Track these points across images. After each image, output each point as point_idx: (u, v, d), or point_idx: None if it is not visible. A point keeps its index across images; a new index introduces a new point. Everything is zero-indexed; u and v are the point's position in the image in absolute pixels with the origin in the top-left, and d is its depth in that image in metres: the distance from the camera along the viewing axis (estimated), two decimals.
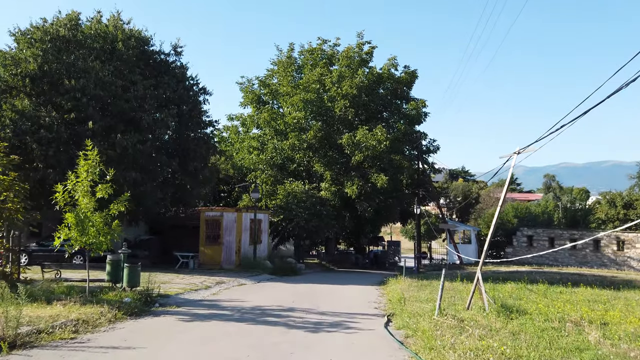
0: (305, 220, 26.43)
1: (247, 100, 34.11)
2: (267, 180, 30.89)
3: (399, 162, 28.87)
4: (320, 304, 11.37)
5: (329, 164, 29.78)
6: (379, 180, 27.66)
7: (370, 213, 28.76)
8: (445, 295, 12.69)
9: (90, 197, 9.68)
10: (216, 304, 10.71)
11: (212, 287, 14.19)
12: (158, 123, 19.60)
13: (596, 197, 76.51)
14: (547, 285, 17.18)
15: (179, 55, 22.78)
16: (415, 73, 32.82)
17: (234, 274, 19.09)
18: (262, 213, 24.08)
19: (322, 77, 30.47)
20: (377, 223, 34.40)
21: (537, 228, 30.91)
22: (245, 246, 21.73)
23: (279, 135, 31.62)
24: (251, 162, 31.31)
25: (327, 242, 34.45)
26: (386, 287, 16.82)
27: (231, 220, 21.29)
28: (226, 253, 21.22)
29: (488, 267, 28.40)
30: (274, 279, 19.02)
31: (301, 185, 28.21)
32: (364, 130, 28.21)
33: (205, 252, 21.42)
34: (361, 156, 28.34)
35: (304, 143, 29.35)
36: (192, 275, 17.32)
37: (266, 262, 22.10)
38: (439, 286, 15.67)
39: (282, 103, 31.94)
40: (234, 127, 35.54)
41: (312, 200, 27.18)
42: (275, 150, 30.87)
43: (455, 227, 30.03)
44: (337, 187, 29.08)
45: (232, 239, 21.22)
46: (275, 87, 33.82)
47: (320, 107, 30.37)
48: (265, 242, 23.92)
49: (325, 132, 29.95)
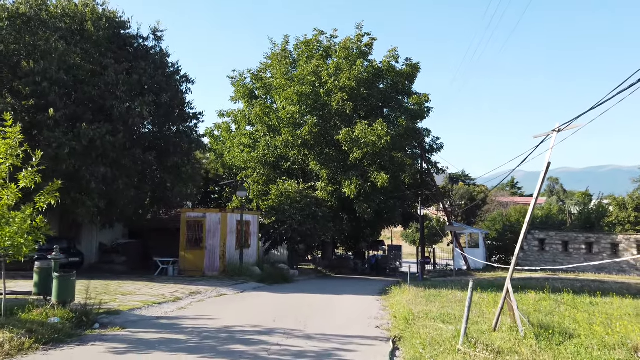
0: (299, 223, 24.24)
1: (238, 95, 31.98)
2: (258, 179, 28.72)
3: (401, 160, 26.70)
4: (309, 323, 9.17)
5: (325, 162, 27.63)
6: (380, 179, 25.49)
7: (369, 215, 26.58)
8: (461, 309, 10.49)
9: (8, 188, 7.46)
10: (175, 324, 8.50)
11: (183, 299, 11.98)
12: (132, 112, 17.43)
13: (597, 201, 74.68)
14: (572, 294, 14.96)
15: (159, 41, 20.67)
16: (417, 66, 30.70)
17: (217, 282, 16.88)
18: (250, 214, 21.88)
19: (319, 69, 28.35)
20: (377, 226, 32.17)
21: (550, 231, 28.71)
22: (231, 251, 19.52)
23: (272, 132, 29.48)
24: (242, 161, 29.15)
25: (324, 246, 32.23)
26: (389, 297, 14.61)
27: (215, 222, 19.10)
28: (209, 258, 19.00)
29: (498, 272, 26.19)
30: (262, 287, 16.81)
31: (295, 185, 26.03)
32: (363, 125, 26.08)
33: (187, 257, 19.21)
34: (360, 153, 26.18)
35: (298, 139, 27.19)
36: (165, 284, 15.11)
37: (255, 268, 19.89)
38: (452, 298, 13.49)
39: (276, 97, 29.80)
40: (225, 124, 33.39)
41: (306, 201, 25.00)
42: (268, 148, 28.70)
43: (463, 230, 27.81)
44: (334, 186, 26.91)
45: (216, 243, 19.02)
46: (268, 82, 31.72)
47: (316, 101, 28.23)
48: (255, 246, 21.71)
49: (321, 128, 27.81)
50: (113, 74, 17.27)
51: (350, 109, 27.13)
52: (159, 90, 18.89)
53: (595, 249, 27.48)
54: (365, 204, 26.40)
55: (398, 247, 39.66)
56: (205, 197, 33.62)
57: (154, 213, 21.77)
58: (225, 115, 33.32)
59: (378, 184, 25.59)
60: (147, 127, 19.94)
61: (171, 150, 19.47)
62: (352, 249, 37.40)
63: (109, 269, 21.26)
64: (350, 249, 37.57)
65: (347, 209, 29.01)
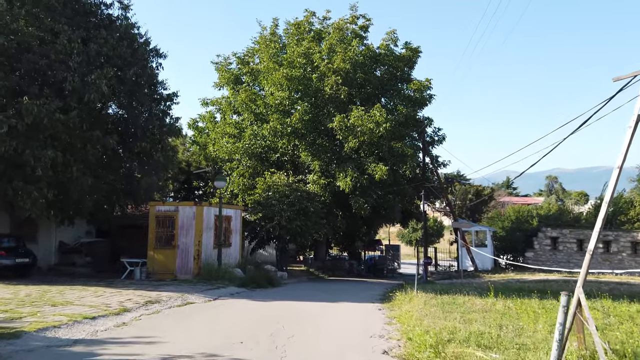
0: (288, 219, 21.63)
1: (222, 81, 29.30)
2: (244, 172, 26.07)
3: (401, 150, 24.16)
4: (289, 347, 6.60)
5: (317, 153, 25.04)
6: (378, 170, 22.95)
7: (366, 211, 24.02)
8: (495, 323, 7.94)
9: None
10: (91, 354, 5.89)
11: (133, 310, 9.33)
12: (89, 87, 14.75)
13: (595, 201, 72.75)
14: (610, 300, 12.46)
15: (126, 10, 18.00)
16: (418, 50, 28.20)
17: (188, 286, 14.26)
18: (232, 208, 19.24)
19: (310, 52, 25.79)
20: (374, 223, 29.65)
21: (563, 228, 26.30)
22: (208, 250, 16.89)
23: (259, 120, 26.89)
24: (226, 152, 26.48)
25: (317, 245, 29.63)
26: (393, 305, 12.05)
27: (189, 217, 16.46)
28: (182, 259, 16.36)
29: (508, 274, 23.75)
30: (241, 293, 14.20)
31: (284, 177, 23.42)
32: (359, 111, 23.52)
33: (156, 257, 16.56)
34: (356, 142, 23.63)
35: (287, 127, 24.59)
36: (123, 290, 12.47)
37: (236, 270, 17.27)
38: (472, 306, 10.86)
39: (263, 82, 27.17)
40: (210, 114, 30.69)
41: (296, 195, 22.39)
42: (255, 137, 26.06)
43: (471, 227, 25.28)
44: (328, 179, 24.33)
45: (190, 241, 16.38)
46: (256, 68, 29.10)
47: (307, 87, 25.64)
48: (237, 245, 19.08)
49: (313, 115, 25.23)
50: (66, 41, 14.60)
51: (344, 94, 24.56)
52: (124, 64, 16.23)
53: (614, 247, 25.11)
54: (362, 199, 23.85)
55: (396, 247, 37.18)
56: (189, 194, 30.96)
57: (122, 208, 19.08)
58: (209, 104, 30.63)
59: (376, 176, 23.06)
60: (110, 107, 17.27)
61: (139, 135, 16.82)
62: (347, 249, 34.82)
63: (70, 271, 18.58)
64: (345, 249, 34.98)
65: (341, 205, 26.42)
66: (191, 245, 16.35)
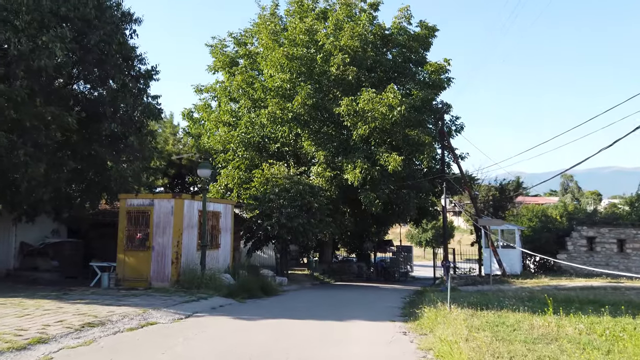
0: (288, 216, 18.78)
1: (218, 64, 26.48)
2: (240, 164, 23.23)
3: (417, 138, 21.20)
4: None
5: (322, 142, 22.15)
6: (391, 161, 20.03)
7: (378, 207, 21.09)
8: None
9: None
10: None
11: (52, 341, 6.47)
12: (39, 52, 11.95)
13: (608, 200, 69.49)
14: None
15: None
16: (434, 28, 25.23)
17: (160, 298, 11.43)
18: (221, 202, 16.36)
19: (314, 29, 22.93)
20: (386, 222, 26.71)
21: (601, 227, 23.20)
22: (190, 252, 14.04)
23: (258, 107, 24.04)
24: (220, 141, 23.66)
25: (322, 247, 26.72)
26: (421, 326, 9.12)
27: (166, 212, 13.62)
28: (158, 263, 13.52)
29: (541, 279, 20.69)
30: (225, 307, 11.34)
31: (284, 169, 20.56)
32: (370, 93, 20.60)
33: (127, 261, 13.74)
34: (366, 129, 20.73)
35: (288, 113, 21.70)
36: (69, 305, 9.64)
37: (225, 276, 14.41)
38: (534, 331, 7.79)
39: (262, 64, 24.30)
40: (205, 103, 27.89)
41: (298, 189, 19.52)
42: (252, 125, 23.22)
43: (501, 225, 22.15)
44: (334, 172, 21.42)
45: (167, 241, 13.53)
46: (254, 51, 26.31)
47: (310, 68, 22.80)
48: (227, 246, 16.21)
49: (317, 100, 22.33)
50: None
51: (353, 74, 21.66)
52: (87, 27, 13.41)
53: None
54: (373, 194, 20.95)
55: (408, 248, 34.18)
56: (182, 190, 28.18)
57: (93, 203, 16.27)
58: (203, 91, 27.83)
59: (389, 167, 20.15)
60: (75, 82, 14.47)
61: (107, 114, 13.99)
62: (355, 250, 31.85)
63: (32, 277, 15.79)
64: (353, 251, 32.01)
65: (349, 201, 23.52)
66: (169, 246, 13.50)
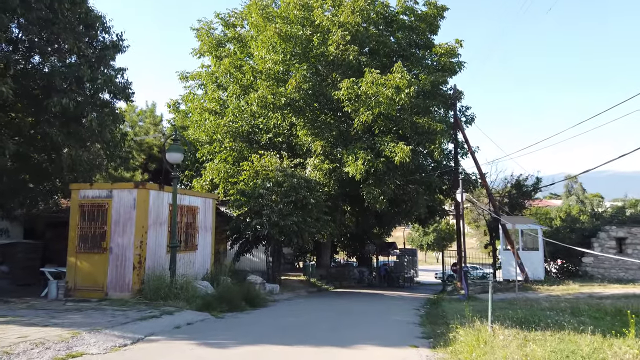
0: (280, 214, 16.22)
1: (204, 48, 23.96)
2: (227, 156, 20.66)
3: (427, 126, 18.71)
4: None
5: (320, 131, 19.62)
6: (398, 151, 17.52)
7: (383, 204, 18.58)
8: None
9: None
10: None
11: None
12: None
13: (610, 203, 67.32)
14: None
15: None
16: (443, 7, 22.79)
17: (111, 314, 8.85)
18: (200, 195, 13.76)
19: (310, 4, 20.41)
20: (391, 222, 24.12)
21: (632, 226, 20.69)
22: (158, 255, 11.45)
23: (247, 94, 21.50)
24: (205, 130, 21.09)
25: (319, 249, 24.13)
26: (455, 352, 6.56)
27: (127, 206, 11.04)
28: (116, 268, 10.92)
29: (570, 285, 18.16)
30: (195, 325, 8.76)
31: (276, 160, 18.01)
32: (373, 74, 18.10)
33: (79, 266, 11.14)
34: (369, 116, 18.19)
35: (281, 98, 19.17)
36: None
37: (201, 284, 11.83)
38: None
39: (252, 45, 21.79)
40: (190, 92, 25.37)
41: (292, 183, 16.96)
42: (240, 112, 20.68)
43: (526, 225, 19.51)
44: (333, 164, 18.89)
45: (128, 242, 10.94)
46: (245, 35, 23.83)
47: (306, 49, 20.30)
48: (206, 248, 13.61)
49: (314, 84, 19.85)
50: None
51: (354, 55, 19.18)
52: None
53: None
54: (377, 189, 18.44)
55: (412, 251, 31.74)
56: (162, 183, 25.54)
57: (45, 196, 13.66)
58: (189, 78, 25.30)
59: (396, 158, 17.63)
60: (18, 48, 11.90)
61: (57, 86, 11.43)
62: (355, 254, 29.26)
63: None
64: (354, 254, 29.41)
65: (350, 197, 21.00)
66: (130, 247, 10.90)
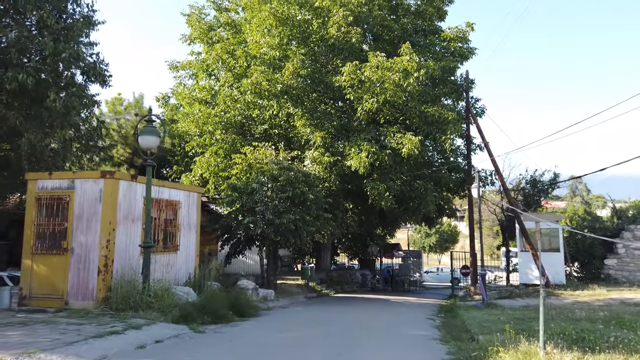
0: (275, 211, 14.52)
1: (194, 34, 22.27)
2: (218, 149, 18.96)
3: (438, 115, 17.04)
4: None
5: (320, 122, 17.91)
6: (407, 142, 15.84)
7: (389, 201, 16.87)
8: None
9: None
10: None
11: None
12: None
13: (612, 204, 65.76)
14: None
15: None
16: None
17: (64, 328, 7.17)
18: (182, 188, 12.02)
19: None
20: (396, 221, 22.41)
21: None
22: (129, 256, 9.73)
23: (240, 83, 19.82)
24: (194, 121, 19.38)
25: (319, 251, 22.42)
26: None
27: (92, 198, 9.35)
28: (78, 273, 9.21)
29: (595, 290, 16.43)
30: (167, 342, 7.08)
31: (271, 152, 16.31)
32: (379, 58, 16.42)
33: (36, 269, 9.42)
34: (374, 103, 16.47)
35: (277, 85, 17.49)
36: None
37: (182, 290, 10.12)
38: None
39: (246, 30, 20.13)
40: (180, 83, 23.67)
41: (289, 176, 15.26)
42: (233, 101, 19.00)
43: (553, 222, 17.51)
44: (334, 157, 17.18)
45: (92, 240, 9.23)
46: (239, 21, 22.20)
47: (305, 34, 18.65)
48: (190, 249, 11.90)
49: (313, 71, 18.18)
50: None
51: (357, 37, 17.52)
52: None
53: None
54: (383, 185, 16.75)
55: (417, 253, 30.02)
56: None
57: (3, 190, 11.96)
58: (179, 68, 23.59)
59: (403, 150, 15.94)
60: None
61: (12, 59, 9.74)
62: (357, 256, 27.53)
63: None
64: (355, 256, 27.68)
65: (352, 194, 19.31)
66: (95, 248, 9.19)
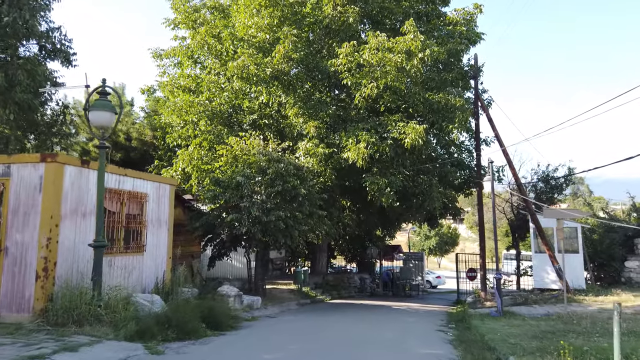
0: (263, 207, 12.82)
1: (180, 17, 20.53)
2: (201, 141, 17.24)
3: (445, 102, 15.38)
4: None
5: (313, 110, 16.22)
6: (410, 131, 14.16)
7: (390, 198, 15.15)
8: None
9: None
10: None
11: None
12: None
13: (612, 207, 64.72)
14: None
15: None
16: None
17: None
18: (149, 179, 10.28)
19: None
20: (397, 219, 20.72)
21: None
22: (78, 258, 8.01)
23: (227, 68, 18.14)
24: (176, 111, 17.67)
25: (314, 253, 20.71)
26: None
27: (31, 187, 7.64)
28: (12, 279, 7.49)
29: (620, 296, 14.79)
30: None
31: (258, 141, 14.61)
32: (379, 38, 14.74)
33: None
34: (374, 88, 14.78)
35: (266, 69, 15.79)
36: None
37: (146, 298, 8.41)
38: None
39: (234, 13, 18.46)
40: (164, 72, 21.98)
41: (278, 168, 13.56)
42: (219, 89, 17.31)
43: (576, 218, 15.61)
44: (329, 148, 15.47)
45: (29, 239, 7.52)
46: (226, 4, 20.56)
47: (298, 16, 17.00)
48: (161, 250, 10.17)
49: (306, 55, 16.52)
50: None
51: (354, 17, 15.88)
52: None
53: None
54: (384, 179, 15.06)
55: (419, 256, 28.32)
56: None
57: None
58: (163, 56, 21.87)
59: (406, 140, 14.26)
60: None
61: None
62: (355, 258, 25.81)
63: None
64: (353, 258, 25.95)
65: (349, 190, 17.63)
66: (33, 247, 7.48)
